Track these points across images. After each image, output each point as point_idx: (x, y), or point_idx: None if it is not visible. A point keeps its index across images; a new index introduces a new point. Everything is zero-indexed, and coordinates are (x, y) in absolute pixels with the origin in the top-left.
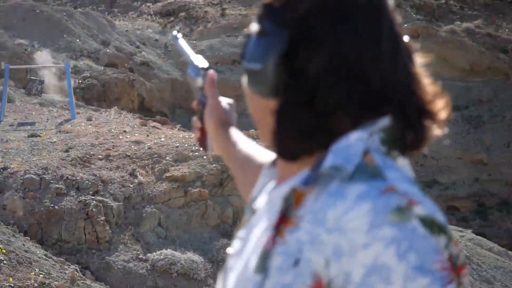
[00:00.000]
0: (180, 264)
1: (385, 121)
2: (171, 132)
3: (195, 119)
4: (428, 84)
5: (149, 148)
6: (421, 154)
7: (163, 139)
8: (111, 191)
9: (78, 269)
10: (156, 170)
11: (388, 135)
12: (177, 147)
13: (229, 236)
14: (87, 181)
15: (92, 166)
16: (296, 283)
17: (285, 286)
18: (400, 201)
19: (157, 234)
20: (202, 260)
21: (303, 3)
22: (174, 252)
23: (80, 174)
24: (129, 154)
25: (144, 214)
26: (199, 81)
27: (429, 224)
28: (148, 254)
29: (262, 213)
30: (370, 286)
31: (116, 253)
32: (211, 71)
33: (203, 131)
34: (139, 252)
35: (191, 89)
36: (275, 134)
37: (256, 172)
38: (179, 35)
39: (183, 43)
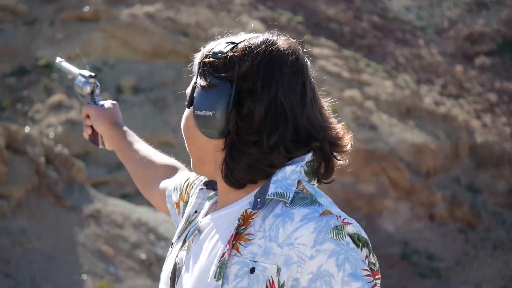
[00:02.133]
0: None
1: (308, 156)
2: None
3: (86, 119)
4: (335, 123)
5: None
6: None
7: None
8: None
9: None
10: None
11: (309, 167)
12: None
13: None
14: None
15: None
16: (252, 287)
17: None
18: (337, 222)
19: None
20: None
21: (242, 63)
22: None
23: None
24: None
25: None
26: (88, 88)
27: (357, 239)
28: None
29: (211, 230)
30: None
31: None
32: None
33: (93, 129)
34: None
35: None
36: (226, 166)
37: (152, 172)
38: (61, 59)
39: (66, 64)
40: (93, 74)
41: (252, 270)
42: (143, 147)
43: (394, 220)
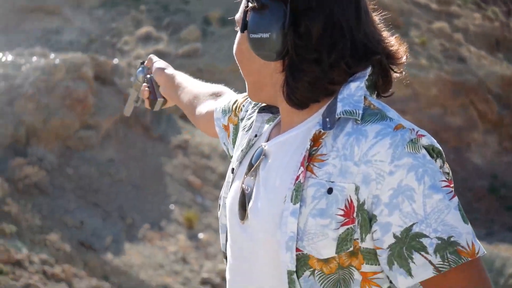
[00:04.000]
0: None
1: (368, 70)
2: None
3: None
4: (389, 35)
5: None
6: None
7: None
8: None
9: None
10: None
11: (369, 81)
12: None
13: (23, 155)
14: None
15: None
16: (331, 207)
17: (321, 210)
18: (411, 135)
19: None
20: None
21: None
22: None
23: None
24: None
25: None
26: (141, 74)
27: (431, 151)
28: None
29: (279, 154)
30: (397, 204)
31: None
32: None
33: (150, 91)
34: None
35: None
36: (287, 86)
37: (199, 101)
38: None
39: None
40: (141, 61)
41: (330, 191)
42: (190, 82)
43: (482, 153)
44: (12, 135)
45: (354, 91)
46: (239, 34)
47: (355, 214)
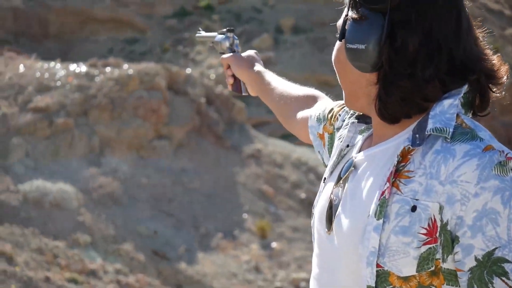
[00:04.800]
0: (52, 194)
1: (464, 88)
2: (29, 62)
3: (227, 70)
4: (490, 54)
5: (9, 79)
6: (487, 114)
7: (22, 70)
8: None
9: None
10: (19, 101)
11: (465, 99)
12: (37, 77)
13: (97, 164)
14: None
15: None
16: (414, 225)
17: (404, 228)
18: (500, 158)
19: (26, 165)
20: (74, 189)
21: None
22: (45, 182)
23: None
24: None
25: (10, 146)
26: (226, 43)
27: None
28: (19, 186)
29: (367, 167)
30: (480, 227)
31: None
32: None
33: (235, 78)
34: (9, 184)
35: (34, 16)
36: (380, 100)
37: (292, 104)
38: (200, 32)
39: (204, 34)
40: (231, 28)
41: (414, 209)
42: (282, 83)
43: None
44: (86, 145)
45: (447, 108)
46: (338, 42)
47: (437, 234)
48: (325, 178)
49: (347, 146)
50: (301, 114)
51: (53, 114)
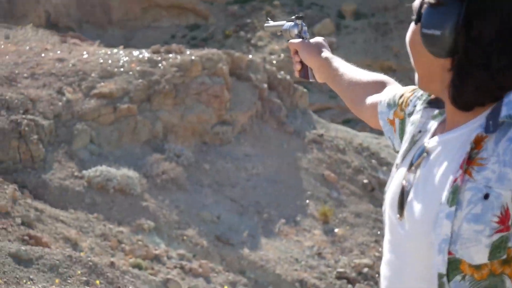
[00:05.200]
0: (116, 180)
1: None
2: (92, 49)
3: (295, 56)
4: None
5: (73, 65)
6: None
7: (86, 56)
8: (40, 110)
9: (17, 188)
10: (83, 87)
11: None
12: (101, 63)
13: (160, 150)
14: (16, 100)
15: (19, 85)
16: (487, 213)
17: (476, 215)
18: None
19: (90, 151)
20: (137, 175)
21: None
22: (109, 168)
23: (8, 94)
24: (54, 71)
25: (75, 132)
26: (295, 30)
27: None
28: (83, 171)
29: (440, 153)
30: None
31: (51, 171)
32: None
33: (302, 64)
34: (74, 170)
35: (97, 3)
36: (454, 88)
37: (361, 90)
38: (268, 22)
39: (272, 23)
40: (299, 15)
41: (486, 196)
42: (350, 69)
43: None
44: (149, 131)
45: None
46: (412, 24)
47: (510, 222)
48: (396, 164)
49: (419, 131)
50: (370, 100)
51: (116, 100)
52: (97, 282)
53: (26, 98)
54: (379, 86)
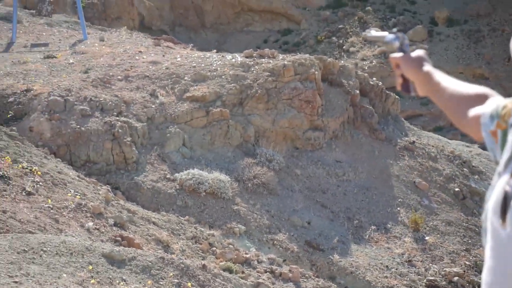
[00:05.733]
0: (208, 183)
1: None
2: (185, 52)
3: (397, 70)
4: None
5: (166, 68)
6: None
7: (179, 59)
8: (134, 112)
9: (110, 190)
10: (176, 90)
11: None
12: (194, 67)
13: (252, 155)
14: (110, 102)
15: (113, 87)
16: None
17: None
18: None
19: (182, 154)
20: (229, 179)
21: None
22: (201, 171)
23: (103, 95)
24: (147, 74)
25: (168, 135)
26: (397, 43)
27: None
28: (176, 174)
29: None
30: None
31: (144, 173)
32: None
33: (404, 78)
34: (166, 172)
35: (191, 6)
36: None
37: (463, 103)
38: (369, 31)
39: (374, 33)
40: (400, 28)
41: None
42: (451, 82)
43: None
44: (241, 135)
45: None
46: None
47: None
48: (499, 172)
49: None
50: (473, 112)
51: (209, 103)
52: (189, 284)
53: (120, 100)
54: (481, 99)
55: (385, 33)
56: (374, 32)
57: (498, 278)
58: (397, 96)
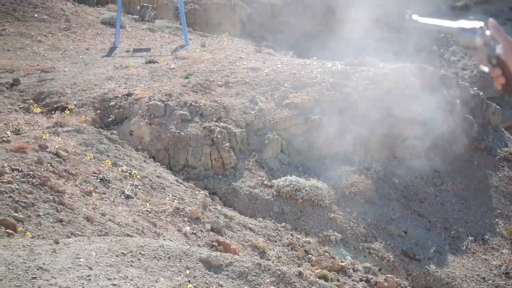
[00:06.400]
0: (305, 190)
1: None
2: (286, 59)
3: (491, 69)
4: None
5: (266, 75)
6: None
7: (279, 66)
8: (233, 118)
9: (207, 195)
10: (275, 96)
11: None
12: (294, 73)
13: (349, 162)
14: (210, 108)
15: (213, 92)
16: None
17: None
18: None
19: (280, 161)
20: (326, 186)
21: None
22: (298, 178)
23: (203, 101)
24: (247, 80)
25: (266, 141)
26: (478, 39)
27: None
28: (273, 180)
29: None
30: None
31: (241, 179)
32: (491, 20)
33: (506, 77)
34: (263, 178)
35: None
36: None
37: None
38: (415, 16)
39: (425, 20)
40: (481, 24)
41: None
42: None
43: None
44: (340, 142)
45: None
46: None
47: None
48: None
49: None
50: None
51: (308, 110)
52: None
53: (220, 105)
54: None
55: (455, 23)
56: (425, 19)
57: None
58: (497, 107)
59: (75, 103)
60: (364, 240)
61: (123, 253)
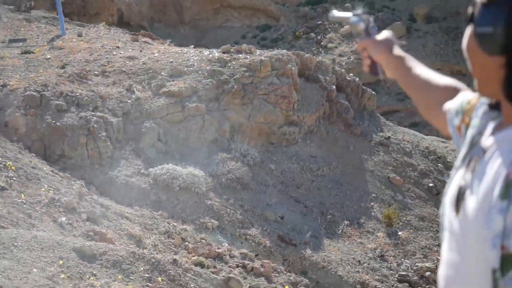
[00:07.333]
0: (182, 178)
1: None
2: (163, 47)
3: (363, 52)
4: None
5: (143, 64)
6: None
7: (156, 55)
8: (109, 107)
9: (83, 185)
10: (152, 85)
11: None
12: (171, 62)
13: (226, 150)
14: (86, 97)
15: (89, 82)
16: None
17: None
18: None
19: (157, 149)
20: (203, 174)
21: None
22: (175, 166)
23: (79, 91)
24: (124, 69)
25: (143, 130)
26: (362, 24)
27: None
28: (150, 169)
29: (494, 150)
30: None
31: (118, 168)
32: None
33: (372, 60)
34: (140, 167)
35: (170, 2)
36: (508, 83)
37: (434, 95)
38: (336, 12)
39: (338, 14)
40: (365, 10)
41: None
42: (423, 71)
43: None
44: (217, 130)
45: None
46: (468, 29)
47: None
48: (456, 166)
49: (479, 134)
50: (440, 106)
51: (185, 99)
52: (159, 279)
53: (96, 95)
54: (452, 92)
55: (349, 14)
56: (337, 13)
57: (452, 269)
58: (373, 92)
59: None
60: (241, 227)
61: None
